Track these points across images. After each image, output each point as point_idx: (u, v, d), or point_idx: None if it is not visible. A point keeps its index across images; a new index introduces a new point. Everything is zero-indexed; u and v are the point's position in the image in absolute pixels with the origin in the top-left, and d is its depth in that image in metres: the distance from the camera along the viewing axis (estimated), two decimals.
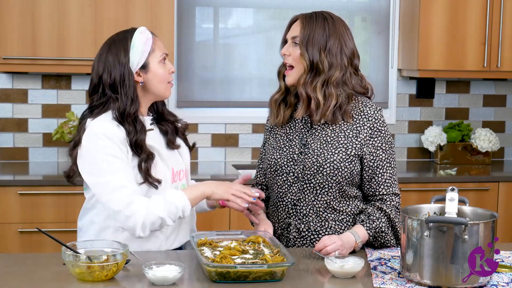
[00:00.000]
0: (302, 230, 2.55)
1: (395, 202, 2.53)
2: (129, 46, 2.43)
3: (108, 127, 2.38)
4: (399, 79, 4.80)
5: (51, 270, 2.27)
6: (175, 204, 2.36)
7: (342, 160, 2.49)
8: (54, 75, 4.43)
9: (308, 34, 2.50)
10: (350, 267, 2.21)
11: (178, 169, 2.55)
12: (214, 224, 4.02)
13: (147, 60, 2.45)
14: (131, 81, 2.42)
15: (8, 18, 4.02)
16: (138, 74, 2.45)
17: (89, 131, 2.39)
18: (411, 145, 4.87)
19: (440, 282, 2.10)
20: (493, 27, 4.41)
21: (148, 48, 2.45)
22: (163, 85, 2.48)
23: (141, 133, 2.40)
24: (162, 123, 2.57)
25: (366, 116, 2.52)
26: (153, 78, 2.46)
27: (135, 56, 2.43)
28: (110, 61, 2.43)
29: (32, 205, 3.87)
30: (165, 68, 2.49)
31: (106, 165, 2.35)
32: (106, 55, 2.45)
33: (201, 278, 2.19)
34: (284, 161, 2.56)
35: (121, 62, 2.42)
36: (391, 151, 2.54)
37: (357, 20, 4.84)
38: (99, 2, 4.08)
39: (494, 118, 4.92)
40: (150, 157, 2.41)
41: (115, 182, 2.34)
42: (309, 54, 2.48)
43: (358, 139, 2.50)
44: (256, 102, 4.70)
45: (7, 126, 4.43)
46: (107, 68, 2.43)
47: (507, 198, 4.29)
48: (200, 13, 4.64)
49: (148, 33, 2.49)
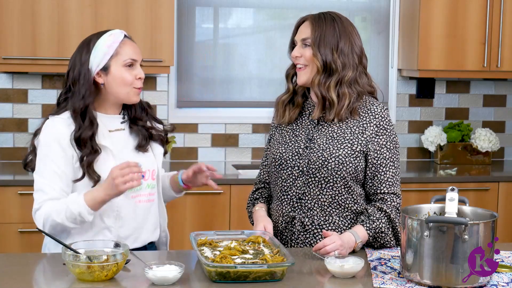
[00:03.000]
0: (306, 224, 2.55)
1: (395, 203, 2.52)
2: (92, 46, 2.48)
3: (56, 130, 2.46)
4: (399, 79, 4.80)
5: (51, 270, 2.27)
6: (71, 209, 2.41)
7: (347, 155, 2.49)
8: (54, 75, 4.43)
9: (319, 34, 2.51)
10: (350, 267, 2.21)
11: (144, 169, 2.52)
12: (214, 224, 4.03)
13: (108, 63, 2.48)
14: (86, 79, 2.47)
15: (8, 18, 4.02)
16: (100, 75, 2.49)
17: (43, 128, 2.49)
18: (411, 145, 4.87)
19: (440, 282, 2.10)
20: (493, 27, 4.41)
21: (112, 51, 2.48)
22: (124, 89, 2.50)
23: (88, 128, 2.45)
24: (135, 126, 2.59)
25: (373, 114, 2.54)
26: (113, 81, 2.49)
27: (96, 57, 2.48)
28: (75, 59, 2.51)
29: (32, 205, 3.85)
30: (130, 73, 2.50)
31: (40, 164, 2.48)
32: (75, 53, 2.53)
33: (201, 278, 2.19)
34: (289, 155, 2.57)
35: (81, 61, 2.48)
36: (396, 151, 2.55)
37: (357, 20, 4.84)
38: (99, 2, 4.08)
39: (494, 118, 4.92)
40: (93, 152, 2.45)
41: (38, 183, 2.48)
42: (322, 55, 2.50)
43: (364, 135, 2.52)
44: (256, 102, 4.70)
45: (7, 126, 4.43)
46: (72, 65, 2.52)
47: (507, 198, 4.29)
48: (200, 13, 4.64)
49: (118, 36, 2.51)
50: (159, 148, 2.64)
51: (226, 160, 4.67)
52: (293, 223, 2.58)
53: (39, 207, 2.45)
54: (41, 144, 2.48)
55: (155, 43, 4.13)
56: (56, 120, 2.49)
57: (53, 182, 2.45)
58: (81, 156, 2.45)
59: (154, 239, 2.63)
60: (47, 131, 2.48)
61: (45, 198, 2.44)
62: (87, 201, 2.39)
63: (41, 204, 2.45)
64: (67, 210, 2.40)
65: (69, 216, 2.40)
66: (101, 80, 2.49)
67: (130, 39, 2.55)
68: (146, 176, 2.56)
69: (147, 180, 2.57)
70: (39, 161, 2.48)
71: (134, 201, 2.54)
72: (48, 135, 2.47)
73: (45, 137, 2.47)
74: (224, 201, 4.06)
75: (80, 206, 2.39)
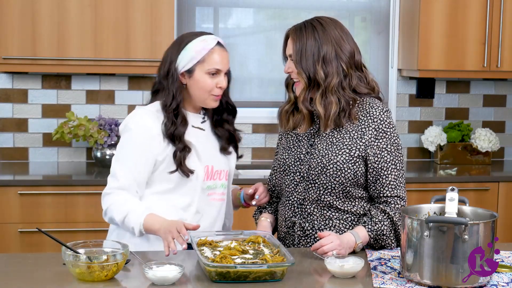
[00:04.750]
0: (307, 229, 2.55)
1: (399, 206, 2.50)
2: (182, 47, 2.57)
3: (143, 122, 2.54)
4: (399, 79, 4.80)
5: (51, 270, 2.27)
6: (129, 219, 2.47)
7: (345, 161, 2.48)
8: (54, 75, 4.43)
9: (300, 49, 2.50)
10: (350, 267, 2.21)
11: (219, 169, 2.66)
12: None
13: (193, 67, 2.56)
14: (175, 78, 2.56)
15: (8, 18, 4.02)
16: (184, 76, 2.57)
17: (129, 117, 2.59)
18: (411, 145, 4.87)
19: (440, 282, 2.10)
20: (493, 27, 4.41)
21: (199, 57, 2.55)
22: (203, 94, 2.58)
23: (181, 126, 2.55)
24: (220, 128, 2.70)
25: (372, 117, 2.51)
26: (194, 85, 2.58)
27: (184, 58, 2.56)
28: (167, 55, 2.61)
29: (32, 205, 3.87)
30: (212, 81, 2.57)
31: (120, 151, 2.57)
32: (169, 48, 2.62)
33: (201, 278, 2.19)
34: (291, 161, 2.58)
35: (171, 59, 2.58)
36: (398, 153, 2.51)
37: (357, 20, 4.83)
38: (99, 2, 4.08)
39: (494, 118, 4.92)
40: (186, 149, 2.55)
41: (113, 168, 2.57)
42: (305, 70, 2.49)
43: (363, 140, 2.50)
44: (256, 102, 4.70)
45: (7, 126, 4.43)
46: (164, 60, 2.61)
47: (507, 198, 4.29)
48: (200, 13, 4.64)
49: (210, 43, 2.58)
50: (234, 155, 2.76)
51: None
52: (293, 228, 2.58)
53: (110, 192, 2.54)
54: (125, 131, 2.57)
55: (155, 43, 4.13)
56: (144, 112, 2.58)
57: (127, 171, 2.53)
58: (174, 152, 2.54)
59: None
60: (133, 120, 2.56)
61: (116, 185, 2.53)
62: (145, 221, 2.45)
63: (111, 191, 2.54)
64: (126, 217, 2.48)
65: (124, 223, 2.50)
66: (184, 81, 2.58)
67: (223, 46, 2.61)
68: (221, 176, 2.67)
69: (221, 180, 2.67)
70: (120, 147, 2.58)
71: (209, 198, 2.64)
72: (134, 126, 2.55)
73: (131, 127, 2.55)
74: None
75: (136, 223, 2.46)
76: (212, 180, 2.64)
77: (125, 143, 2.57)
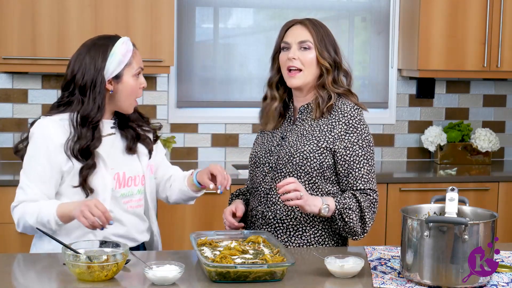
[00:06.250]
0: (269, 217, 2.59)
1: (371, 197, 2.54)
2: (109, 53, 2.45)
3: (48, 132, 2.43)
4: (399, 79, 4.80)
5: (51, 270, 2.27)
6: (42, 215, 2.41)
7: (312, 151, 2.54)
8: (54, 75, 4.43)
9: (322, 35, 2.59)
10: (350, 267, 2.21)
11: (132, 175, 2.55)
12: (214, 224, 4.02)
13: (122, 71, 2.46)
14: (102, 88, 2.44)
15: (8, 18, 4.02)
16: (110, 82, 2.46)
17: (35, 127, 2.47)
18: (411, 145, 4.87)
19: (440, 282, 2.10)
20: (493, 27, 4.41)
21: (126, 60, 2.47)
22: (130, 99, 2.50)
23: (96, 141, 2.45)
24: (124, 129, 2.58)
25: (342, 113, 2.57)
26: (123, 90, 2.48)
27: (112, 64, 2.45)
28: (86, 63, 2.45)
29: None
30: (137, 82, 2.50)
31: (27, 163, 2.47)
32: (85, 56, 2.46)
33: (201, 278, 2.19)
34: (262, 153, 2.65)
35: (97, 67, 2.44)
36: (369, 149, 2.57)
37: (357, 20, 4.84)
38: (99, 2, 4.08)
39: (494, 118, 4.92)
40: (92, 166, 2.44)
41: (21, 181, 2.48)
42: (330, 54, 2.58)
43: (332, 133, 2.55)
44: (256, 102, 4.64)
45: (7, 126, 4.43)
46: (82, 69, 2.45)
47: (507, 198, 4.30)
48: (200, 13, 4.64)
49: (129, 44, 2.50)
50: (143, 148, 2.61)
51: (226, 160, 4.67)
52: (256, 216, 2.62)
53: (17, 205, 2.48)
54: (31, 144, 2.46)
55: (155, 43, 4.13)
56: (48, 122, 2.46)
57: (35, 184, 2.44)
58: (81, 168, 2.43)
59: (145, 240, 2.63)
60: (39, 132, 2.45)
61: (23, 198, 2.46)
62: (58, 211, 2.39)
63: (19, 203, 2.47)
64: (39, 214, 2.41)
65: (39, 221, 2.41)
66: (110, 88, 2.46)
67: (135, 47, 2.54)
68: (136, 181, 2.56)
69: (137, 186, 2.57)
70: (26, 159, 2.48)
71: (126, 206, 2.54)
72: (39, 136, 2.44)
73: (36, 138, 2.45)
74: (224, 201, 4.04)
75: (50, 215, 2.39)
76: (127, 187, 2.53)
77: (30, 154, 2.46)
